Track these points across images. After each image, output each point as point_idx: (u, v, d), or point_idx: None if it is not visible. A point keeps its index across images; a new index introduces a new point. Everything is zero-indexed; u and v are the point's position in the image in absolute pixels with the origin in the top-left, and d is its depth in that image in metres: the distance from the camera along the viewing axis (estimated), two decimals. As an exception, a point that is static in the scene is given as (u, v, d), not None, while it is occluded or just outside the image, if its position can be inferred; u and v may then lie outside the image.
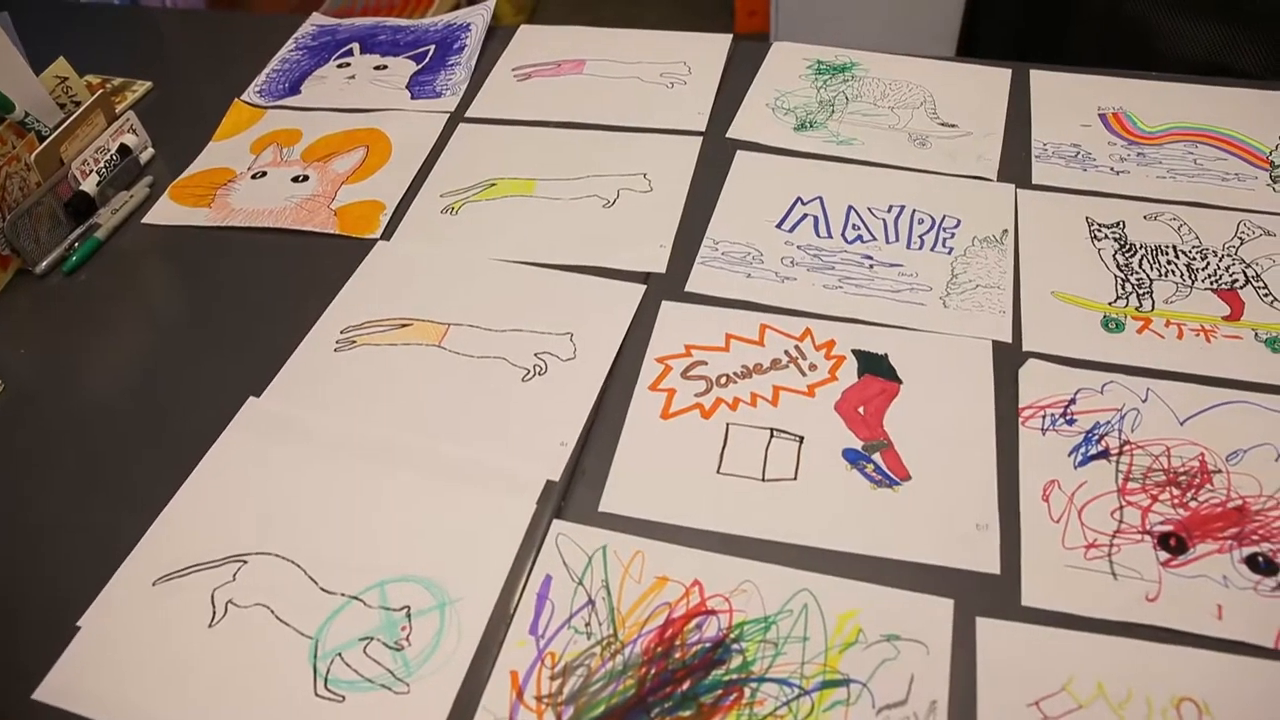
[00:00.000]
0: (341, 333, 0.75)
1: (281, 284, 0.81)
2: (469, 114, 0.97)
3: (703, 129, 0.92)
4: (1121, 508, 0.61)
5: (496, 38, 1.09)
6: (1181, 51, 1.67)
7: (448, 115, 0.97)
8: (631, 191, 0.85)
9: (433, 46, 1.08)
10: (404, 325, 0.76)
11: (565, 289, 0.77)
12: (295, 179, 0.91)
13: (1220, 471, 0.62)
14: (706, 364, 0.70)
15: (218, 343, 0.77)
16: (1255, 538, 0.59)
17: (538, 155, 0.91)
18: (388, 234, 0.84)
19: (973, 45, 1.96)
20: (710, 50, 1.02)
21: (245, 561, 0.61)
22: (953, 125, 0.91)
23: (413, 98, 1.00)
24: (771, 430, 0.65)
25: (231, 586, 0.60)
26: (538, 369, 0.71)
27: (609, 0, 2.79)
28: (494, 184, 0.88)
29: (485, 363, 0.72)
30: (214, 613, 0.59)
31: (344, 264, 0.81)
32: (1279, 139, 0.87)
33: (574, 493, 0.63)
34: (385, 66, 1.06)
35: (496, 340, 0.73)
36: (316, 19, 1.15)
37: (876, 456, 0.64)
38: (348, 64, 1.07)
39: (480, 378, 0.71)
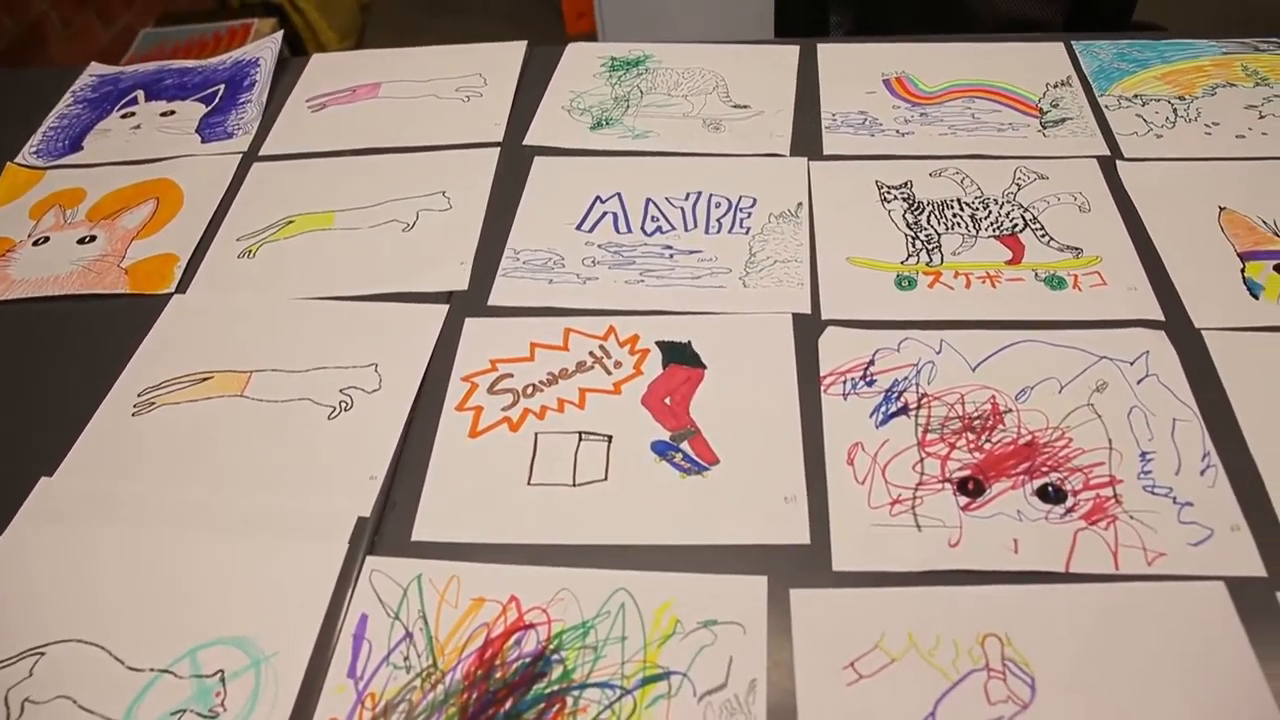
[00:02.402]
0: (139, 396, 0.72)
1: (72, 354, 0.77)
2: (263, 152, 0.94)
3: (500, 139, 0.91)
4: (922, 460, 0.62)
5: (289, 69, 1.06)
6: (994, 11, 1.74)
7: (241, 156, 0.94)
8: (431, 211, 0.84)
9: (222, 86, 1.04)
10: (204, 379, 0.73)
11: (368, 319, 0.75)
12: (81, 240, 0.86)
13: (1011, 411, 0.65)
14: (512, 376, 0.69)
15: (3, 425, 0.72)
16: (1045, 469, 0.61)
17: (335, 186, 0.88)
18: (183, 287, 0.81)
19: (789, 23, 2.00)
20: (505, 59, 1.02)
21: (43, 654, 0.58)
22: (745, 106, 0.92)
23: (203, 141, 0.97)
24: (580, 434, 0.65)
25: (28, 683, 0.56)
26: (343, 405, 0.69)
27: (439, 20, 2.76)
28: (291, 221, 0.85)
29: (290, 406, 0.70)
30: (8, 716, 0.55)
31: (138, 324, 0.77)
32: (1045, 86, 0.91)
33: (386, 526, 0.62)
34: (173, 112, 1.02)
35: (300, 381, 0.71)
36: (95, 68, 1.10)
37: (685, 445, 0.64)
38: (133, 113, 1.02)
39: (285, 422, 0.69)
